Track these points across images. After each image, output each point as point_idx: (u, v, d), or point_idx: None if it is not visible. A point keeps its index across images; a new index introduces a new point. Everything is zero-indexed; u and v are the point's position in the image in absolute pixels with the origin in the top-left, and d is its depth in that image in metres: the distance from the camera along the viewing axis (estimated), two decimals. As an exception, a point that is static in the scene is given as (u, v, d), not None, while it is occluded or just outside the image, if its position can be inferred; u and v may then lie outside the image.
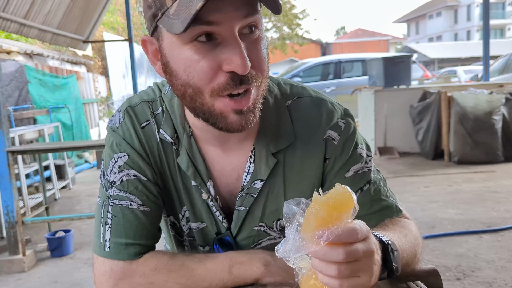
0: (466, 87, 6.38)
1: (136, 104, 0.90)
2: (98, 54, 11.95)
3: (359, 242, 0.61)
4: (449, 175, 5.09)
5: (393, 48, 42.56)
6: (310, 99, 0.91)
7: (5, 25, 4.74)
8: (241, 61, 0.69)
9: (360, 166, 0.89)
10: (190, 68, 0.73)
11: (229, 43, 0.70)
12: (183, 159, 0.88)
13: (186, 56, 0.72)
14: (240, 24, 0.71)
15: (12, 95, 5.66)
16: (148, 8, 0.75)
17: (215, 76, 0.72)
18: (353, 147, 0.89)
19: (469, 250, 3.01)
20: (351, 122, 0.90)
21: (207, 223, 0.93)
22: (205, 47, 0.71)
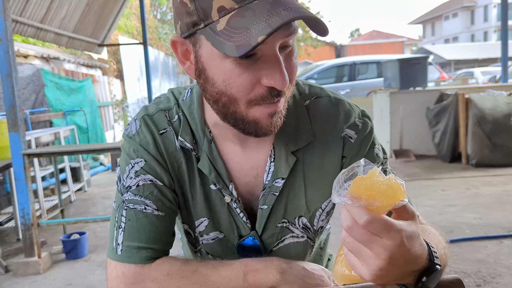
0: (484, 88, 6.26)
1: (154, 113, 0.90)
2: (113, 58, 12.07)
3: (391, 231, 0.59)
4: (467, 178, 4.99)
5: (408, 49, 42.16)
6: (328, 99, 0.92)
7: (22, 29, 4.80)
8: (281, 78, 0.71)
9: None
10: (230, 80, 0.73)
11: (269, 59, 0.72)
12: (205, 163, 0.87)
13: (227, 68, 0.73)
14: (280, 42, 0.72)
15: (29, 98, 5.73)
16: (187, 14, 0.73)
17: (253, 89, 0.74)
18: (369, 146, 0.90)
19: (488, 255, 2.93)
20: (369, 122, 0.91)
21: (226, 232, 0.91)
22: (246, 62, 0.72)
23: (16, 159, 3.05)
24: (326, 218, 0.95)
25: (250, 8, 0.67)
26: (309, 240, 0.95)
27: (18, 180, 3.08)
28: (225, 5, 0.68)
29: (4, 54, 2.97)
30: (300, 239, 0.93)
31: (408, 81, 6.41)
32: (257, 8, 0.67)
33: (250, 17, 0.67)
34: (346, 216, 0.61)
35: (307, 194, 0.90)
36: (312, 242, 0.96)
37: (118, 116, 9.59)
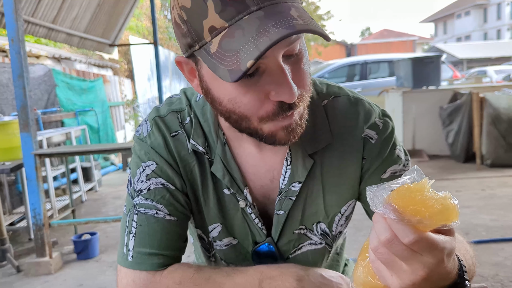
0: (499, 87, 6.16)
1: (165, 114, 0.87)
2: (124, 58, 12.12)
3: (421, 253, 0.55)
4: (482, 179, 4.90)
5: (420, 48, 41.80)
6: (347, 98, 0.87)
7: (34, 30, 4.82)
8: (289, 91, 0.66)
9: (398, 167, 0.85)
10: (236, 99, 0.69)
11: (274, 72, 0.67)
12: (218, 167, 0.84)
13: (231, 88, 0.69)
14: (283, 52, 0.67)
15: (42, 98, 5.76)
16: (182, 36, 0.69)
17: (262, 106, 0.69)
18: (390, 147, 0.86)
19: (506, 258, 2.87)
20: (390, 122, 0.87)
21: (240, 238, 0.88)
22: (250, 80, 0.67)
23: (27, 159, 3.05)
24: (345, 223, 0.91)
25: (240, 27, 0.62)
26: (327, 246, 0.91)
27: (30, 180, 3.08)
28: (215, 25, 0.63)
29: (16, 55, 2.97)
30: (318, 246, 0.90)
31: (421, 80, 6.32)
32: (246, 26, 0.61)
33: (240, 37, 0.62)
34: (385, 229, 0.55)
35: (326, 198, 0.86)
36: (330, 248, 0.92)
37: (129, 116, 9.62)
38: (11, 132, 3.54)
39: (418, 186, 0.56)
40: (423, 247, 0.54)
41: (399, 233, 0.54)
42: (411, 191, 0.56)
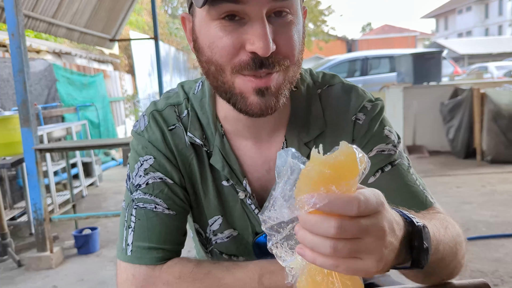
0: (500, 83, 6.14)
1: (163, 108, 0.88)
2: (125, 53, 12.10)
3: (364, 217, 0.49)
4: (482, 175, 4.90)
5: (421, 44, 41.68)
6: (341, 85, 0.89)
7: (34, 25, 4.81)
8: (263, 42, 0.67)
9: (384, 146, 0.84)
10: (213, 45, 0.71)
11: (254, 23, 0.68)
12: (217, 159, 0.84)
13: (212, 33, 0.71)
14: (268, 6, 0.68)
15: (42, 93, 5.76)
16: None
17: (237, 55, 0.70)
18: (377, 125, 0.85)
19: (506, 254, 2.87)
20: (379, 104, 0.87)
21: (240, 230, 0.88)
22: (231, 25, 0.70)
23: (28, 154, 3.05)
24: None
25: None
26: None
27: (31, 175, 3.08)
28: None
29: (16, 49, 2.96)
30: None
31: (422, 76, 6.31)
32: None
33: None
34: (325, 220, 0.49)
35: None
36: None
37: (129, 111, 9.62)
38: (11, 127, 3.54)
39: (311, 161, 0.50)
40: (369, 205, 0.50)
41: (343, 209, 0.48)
42: (311, 169, 0.50)
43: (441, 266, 0.70)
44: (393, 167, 0.83)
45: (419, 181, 0.85)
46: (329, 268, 0.51)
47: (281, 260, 0.56)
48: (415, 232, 0.58)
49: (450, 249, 0.70)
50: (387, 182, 0.82)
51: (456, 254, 0.73)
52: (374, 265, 0.51)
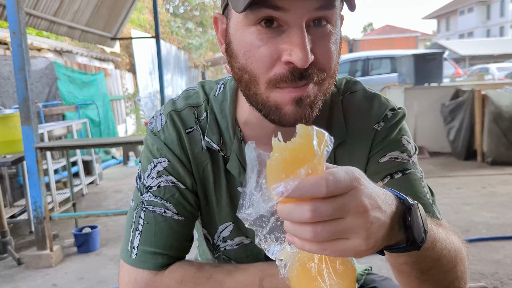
0: (501, 85, 6.14)
1: (182, 108, 0.85)
2: (126, 51, 12.10)
3: (338, 196, 0.47)
4: (483, 176, 4.90)
5: (422, 44, 41.65)
6: (363, 92, 0.87)
7: (36, 23, 4.81)
8: (302, 53, 0.64)
9: (399, 154, 0.82)
10: (250, 53, 0.69)
11: (293, 32, 0.65)
12: (234, 164, 0.83)
13: (248, 39, 0.68)
14: (309, 16, 0.65)
15: (43, 91, 5.76)
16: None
17: (273, 66, 0.68)
18: (396, 133, 0.84)
19: (506, 256, 2.87)
20: (400, 113, 0.86)
21: (252, 237, 0.87)
22: (269, 33, 0.67)
23: (28, 152, 3.05)
24: None
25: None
26: None
27: (31, 173, 3.08)
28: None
29: (17, 48, 2.96)
30: None
31: (423, 77, 6.30)
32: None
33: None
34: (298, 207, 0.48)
35: None
36: None
37: (130, 110, 9.62)
38: (12, 125, 3.54)
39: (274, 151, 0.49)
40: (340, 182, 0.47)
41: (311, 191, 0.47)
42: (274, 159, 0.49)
43: (437, 270, 0.68)
44: (404, 175, 0.81)
45: (430, 195, 0.83)
46: (317, 252, 0.50)
47: (270, 254, 0.55)
48: (408, 209, 0.56)
49: (449, 254, 0.68)
50: (394, 188, 0.80)
51: (455, 266, 0.71)
52: (362, 243, 0.49)
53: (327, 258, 0.53)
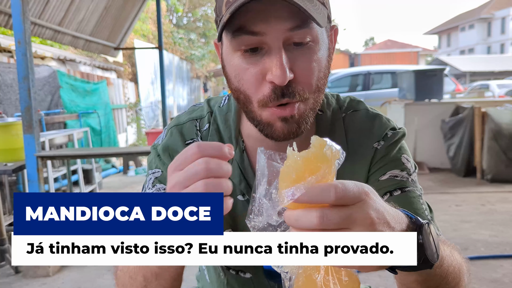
0: (501, 102, 6.17)
1: (184, 122, 0.90)
2: (129, 61, 12.16)
3: (347, 206, 0.50)
4: (482, 193, 4.90)
5: (423, 60, 41.87)
6: (366, 112, 0.90)
7: (41, 32, 4.85)
8: (279, 71, 0.68)
9: (399, 172, 0.85)
10: (239, 76, 0.74)
11: (272, 53, 0.70)
12: (235, 173, 0.86)
13: (236, 63, 0.74)
14: (284, 36, 0.69)
15: (45, 99, 5.79)
16: (215, 13, 0.77)
17: (260, 86, 0.72)
18: (395, 152, 0.86)
19: (504, 275, 2.86)
20: (400, 132, 0.88)
21: None
22: (252, 56, 0.72)
23: (30, 161, 3.07)
24: None
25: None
26: None
27: (31, 181, 3.09)
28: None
29: (22, 56, 2.99)
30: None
31: (424, 93, 6.33)
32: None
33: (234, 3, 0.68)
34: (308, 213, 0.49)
35: None
36: None
37: (131, 119, 9.65)
38: (14, 133, 3.55)
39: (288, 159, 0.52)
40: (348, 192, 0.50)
41: (320, 196, 0.49)
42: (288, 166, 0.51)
43: (443, 287, 0.69)
44: (403, 193, 0.83)
45: (428, 211, 0.85)
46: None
47: (275, 266, 0.56)
48: (420, 228, 0.58)
49: (454, 271, 0.69)
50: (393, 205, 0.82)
51: (458, 282, 0.72)
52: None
53: (333, 269, 0.55)
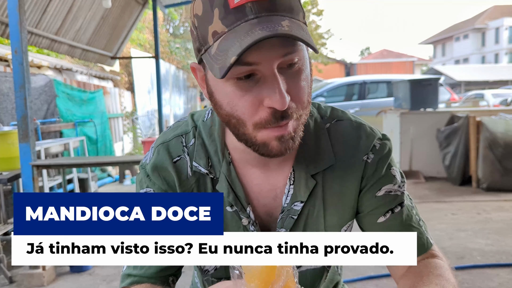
0: (496, 112, 6.21)
1: (170, 139, 0.91)
2: (125, 70, 12.18)
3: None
4: (478, 202, 4.91)
5: (419, 69, 42.16)
6: (349, 122, 0.91)
7: (37, 41, 4.87)
8: (280, 98, 0.70)
9: (392, 187, 0.88)
10: (233, 103, 0.74)
11: (268, 80, 0.71)
12: (223, 185, 0.87)
13: (229, 91, 0.74)
14: (278, 62, 0.71)
15: (41, 108, 5.78)
16: (194, 40, 0.76)
17: (257, 111, 0.74)
18: (386, 166, 0.89)
19: (500, 284, 2.86)
20: (387, 143, 0.91)
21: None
22: (246, 84, 0.72)
23: (25, 169, 3.05)
24: None
25: (235, 31, 0.68)
26: (326, 266, 0.93)
27: (26, 190, 3.07)
28: (217, 30, 0.70)
29: (19, 66, 2.99)
30: (317, 266, 0.92)
31: (419, 102, 6.37)
32: (239, 31, 0.68)
33: (231, 39, 0.68)
34: None
35: (326, 219, 0.89)
36: (328, 268, 0.94)
37: (127, 128, 9.64)
38: (10, 142, 3.55)
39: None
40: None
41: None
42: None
43: None
44: (402, 208, 0.89)
45: (422, 222, 0.91)
46: None
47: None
48: None
49: None
50: (395, 222, 0.87)
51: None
52: None
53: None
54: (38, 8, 4.54)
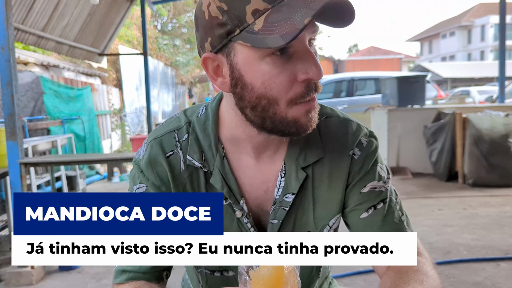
0: (481, 108, 6.30)
1: (162, 134, 0.92)
2: (113, 67, 12.08)
3: None
4: (464, 198, 4.98)
5: (406, 66, 42.50)
6: (338, 119, 0.94)
7: (24, 37, 4.81)
8: (317, 69, 0.75)
9: (377, 183, 0.91)
10: (269, 81, 0.76)
11: (302, 54, 0.76)
12: (217, 179, 0.88)
13: (265, 70, 0.76)
14: (309, 37, 0.77)
15: (28, 105, 5.72)
16: (219, 26, 0.76)
17: (291, 87, 0.77)
18: (372, 163, 0.91)
19: (486, 278, 2.92)
20: (374, 141, 0.94)
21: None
22: (281, 60, 0.75)
23: (13, 167, 3.02)
24: None
25: (285, 4, 0.71)
26: None
27: (14, 188, 3.05)
28: (259, 8, 0.72)
29: (5, 63, 2.96)
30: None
31: (406, 99, 6.43)
32: (292, 2, 0.71)
33: (288, 9, 0.70)
34: None
35: (316, 211, 0.91)
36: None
37: (115, 125, 9.57)
38: (-3, 139, 3.50)
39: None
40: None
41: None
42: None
43: None
44: (384, 204, 0.90)
45: (405, 217, 0.93)
46: None
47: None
48: None
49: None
50: (377, 218, 0.89)
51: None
52: None
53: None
54: (24, 5, 4.48)
